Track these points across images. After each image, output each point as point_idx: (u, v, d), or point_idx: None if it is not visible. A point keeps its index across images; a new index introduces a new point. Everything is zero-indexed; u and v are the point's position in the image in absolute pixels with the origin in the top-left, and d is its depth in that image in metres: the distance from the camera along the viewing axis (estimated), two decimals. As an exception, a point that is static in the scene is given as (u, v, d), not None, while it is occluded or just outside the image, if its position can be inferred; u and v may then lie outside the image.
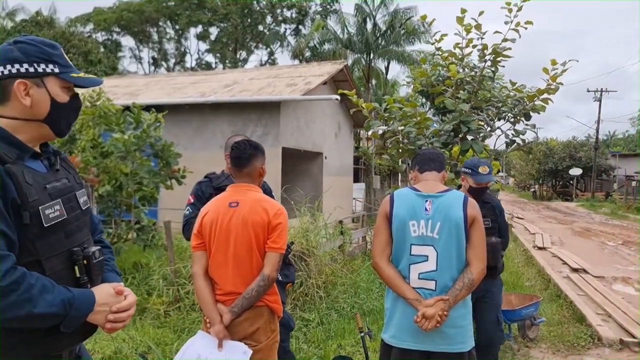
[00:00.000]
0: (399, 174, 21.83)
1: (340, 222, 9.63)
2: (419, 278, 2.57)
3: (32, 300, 1.40)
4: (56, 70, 1.60)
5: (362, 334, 3.65)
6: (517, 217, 21.36)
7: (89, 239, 1.73)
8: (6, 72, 1.54)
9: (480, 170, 3.91)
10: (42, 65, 1.58)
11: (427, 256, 2.56)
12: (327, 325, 5.87)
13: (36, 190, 1.52)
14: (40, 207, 1.51)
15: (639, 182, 37.25)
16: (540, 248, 12.52)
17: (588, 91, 39.74)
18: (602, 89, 38.76)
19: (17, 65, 1.55)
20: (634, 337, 5.46)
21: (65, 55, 1.66)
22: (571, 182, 41.77)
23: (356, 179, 20.78)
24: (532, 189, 51.68)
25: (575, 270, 9.60)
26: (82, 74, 1.67)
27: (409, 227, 2.59)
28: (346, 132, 17.57)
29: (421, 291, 2.57)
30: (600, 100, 38.72)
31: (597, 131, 38.94)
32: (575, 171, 38.46)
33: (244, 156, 2.75)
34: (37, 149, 1.66)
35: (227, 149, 3.53)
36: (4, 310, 1.37)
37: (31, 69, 1.56)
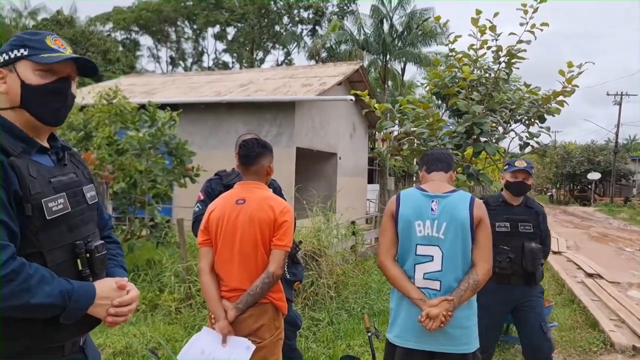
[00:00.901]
0: (413, 176, 21.74)
1: (353, 222, 9.63)
2: (424, 278, 2.57)
3: (29, 290, 1.41)
4: (25, 52, 1.60)
5: (370, 334, 3.65)
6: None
7: (94, 233, 1.74)
8: None
9: (516, 163, 3.87)
10: (15, 51, 1.60)
11: (433, 256, 2.55)
12: (336, 325, 5.87)
13: (40, 184, 1.54)
14: (43, 200, 1.53)
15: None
16: (555, 252, 12.37)
17: (608, 94, 39.23)
18: (622, 92, 38.23)
19: None
20: (647, 343, 5.38)
21: (48, 40, 1.64)
22: (589, 186, 41.22)
23: (370, 180, 20.74)
24: (549, 193, 51.10)
25: (590, 275, 9.48)
26: (55, 54, 1.61)
27: (415, 227, 2.59)
28: (361, 133, 17.54)
29: (426, 291, 2.57)
30: (620, 104, 38.19)
31: (617, 135, 38.40)
32: (594, 175, 37.95)
33: (251, 154, 2.78)
34: (45, 144, 1.69)
35: (237, 148, 3.56)
36: (3, 299, 1.39)
37: (6, 57, 1.60)
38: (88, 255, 1.63)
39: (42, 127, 1.65)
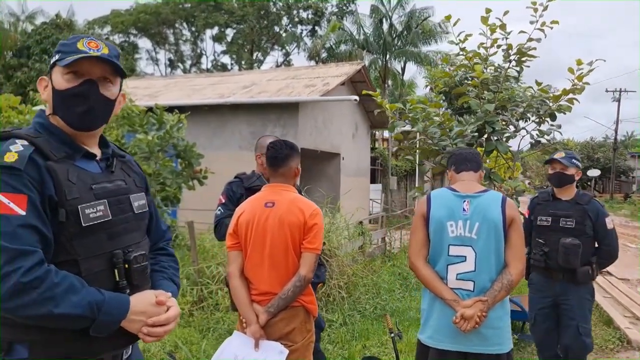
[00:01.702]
0: (416, 175, 21.75)
1: (361, 222, 9.63)
2: (456, 279, 2.56)
3: (53, 299, 1.34)
4: (57, 58, 1.58)
5: (392, 335, 3.63)
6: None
7: (138, 243, 1.67)
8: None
9: (555, 155, 3.89)
10: (53, 58, 1.60)
11: (465, 257, 2.54)
12: (350, 326, 5.87)
13: (79, 189, 1.50)
14: (79, 206, 1.48)
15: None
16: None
17: (607, 91, 39.29)
18: (621, 89, 38.30)
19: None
20: (663, 340, 5.38)
21: (81, 44, 1.58)
22: (589, 183, 41.29)
23: (373, 180, 20.73)
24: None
25: (599, 272, 9.47)
26: (79, 55, 1.55)
27: (447, 227, 2.58)
28: (363, 133, 17.52)
29: (459, 292, 2.56)
30: (619, 101, 38.25)
31: (616, 132, 38.47)
32: (594, 172, 38.01)
33: (280, 156, 2.76)
34: (94, 150, 1.66)
35: (258, 150, 3.55)
36: (24, 307, 1.33)
37: (50, 65, 1.60)
38: (126, 265, 1.57)
39: (80, 133, 1.60)
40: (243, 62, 36.83)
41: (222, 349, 2.66)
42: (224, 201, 3.47)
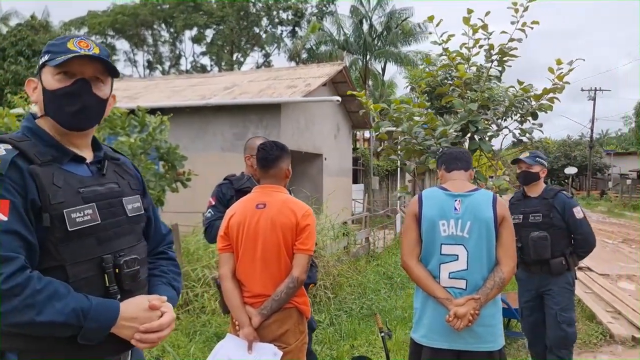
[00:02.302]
0: (398, 175, 21.86)
1: (345, 223, 9.65)
2: (449, 277, 2.58)
3: (34, 306, 1.30)
4: (46, 58, 1.55)
5: (382, 334, 3.64)
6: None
7: (132, 247, 1.62)
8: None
9: (521, 156, 4.09)
10: (41, 59, 1.57)
11: (458, 255, 2.56)
12: (337, 326, 5.87)
13: (64, 193, 1.46)
14: (65, 210, 1.44)
15: (633, 180, 37.48)
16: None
17: (582, 90, 39.97)
18: (596, 88, 38.98)
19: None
20: (645, 334, 5.49)
21: (71, 43, 1.55)
22: (566, 180, 41.94)
23: (355, 180, 20.77)
24: (528, 188, 51.85)
25: (579, 268, 9.62)
26: (71, 55, 1.52)
27: (439, 226, 2.59)
28: (345, 133, 17.56)
29: (452, 290, 2.58)
30: (594, 99, 38.94)
31: (592, 130, 39.16)
32: (571, 170, 38.59)
33: (270, 157, 2.75)
34: (85, 153, 1.62)
35: (247, 151, 3.53)
36: (6, 315, 1.29)
37: (38, 66, 1.58)
38: (117, 270, 1.52)
39: (71, 134, 1.57)
40: (223, 64, 36.65)
41: (215, 351, 2.64)
42: (213, 203, 3.44)
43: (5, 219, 1.33)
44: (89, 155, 1.63)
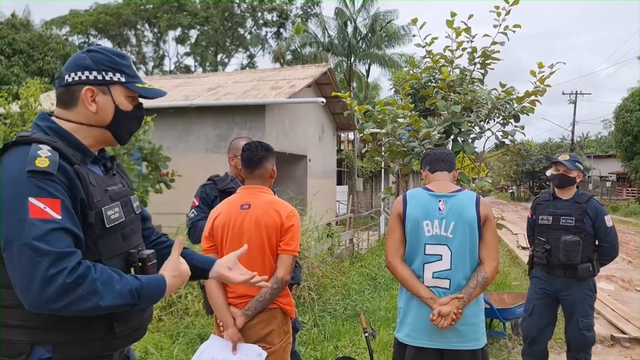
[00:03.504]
0: (382, 176, 21.94)
1: (329, 224, 9.66)
2: (433, 277, 2.60)
3: (97, 292, 1.41)
4: (122, 79, 1.66)
5: (366, 334, 3.66)
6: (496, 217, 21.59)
7: (142, 242, 1.78)
8: (76, 78, 1.61)
9: (559, 157, 4.01)
10: (110, 74, 1.64)
11: (441, 255, 2.59)
12: (321, 327, 5.87)
13: (99, 192, 1.58)
14: (103, 208, 1.57)
15: (613, 183, 38.11)
16: (524, 248, 12.69)
17: (563, 94, 40.56)
18: (577, 91, 39.56)
19: (87, 73, 1.61)
20: (624, 333, 5.58)
21: (133, 66, 1.71)
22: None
23: (339, 182, 20.82)
24: (510, 190, 52.44)
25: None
26: (147, 85, 1.71)
27: (423, 227, 2.62)
28: (329, 135, 17.60)
29: (435, 290, 2.61)
30: (575, 103, 39.48)
31: (573, 133, 39.70)
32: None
33: (255, 158, 2.74)
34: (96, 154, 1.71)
35: (232, 151, 3.52)
36: (72, 304, 1.38)
37: (99, 77, 1.62)
38: (140, 264, 1.66)
39: (113, 144, 1.75)
40: (207, 64, 36.48)
41: (199, 352, 2.63)
42: (197, 204, 3.42)
43: (60, 217, 1.42)
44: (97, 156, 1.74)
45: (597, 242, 3.93)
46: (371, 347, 3.69)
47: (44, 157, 1.46)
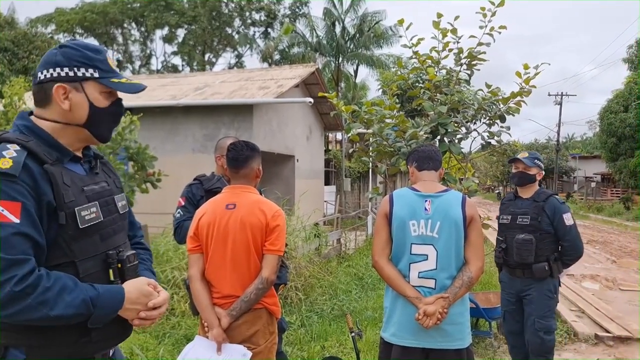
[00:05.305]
0: (369, 176, 21.99)
1: (316, 224, 9.66)
2: (418, 277, 2.61)
3: (47, 302, 1.38)
4: (96, 74, 1.60)
5: (353, 334, 3.66)
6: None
7: (125, 243, 1.74)
8: (48, 75, 1.57)
9: (519, 155, 3.98)
10: (82, 70, 1.59)
11: (427, 255, 2.60)
12: (308, 327, 5.87)
13: (73, 192, 1.53)
14: (76, 209, 1.52)
15: (597, 183, 38.54)
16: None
17: (549, 95, 40.93)
18: (562, 93, 39.93)
19: (58, 69, 1.57)
20: (608, 332, 5.64)
21: (109, 60, 1.65)
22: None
23: (327, 182, 20.82)
24: (497, 191, 52.82)
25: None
26: (123, 80, 1.65)
27: (409, 226, 2.62)
28: (317, 135, 17.60)
29: (421, 289, 2.61)
30: (561, 104, 39.84)
31: (559, 134, 40.04)
32: (538, 173, 39.35)
33: (241, 157, 2.73)
34: (79, 153, 1.67)
35: (218, 151, 3.50)
36: (21, 313, 1.36)
37: (71, 73, 1.57)
38: (119, 265, 1.62)
39: (94, 142, 1.70)
40: (195, 64, 36.31)
41: (184, 353, 2.61)
42: (183, 203, 3.40)
43: (18, 221, 1.39)
44: (79, 155, 1.69)
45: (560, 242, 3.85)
46: (358, 347, 3.69)
47: (7, 157, 1.42)
